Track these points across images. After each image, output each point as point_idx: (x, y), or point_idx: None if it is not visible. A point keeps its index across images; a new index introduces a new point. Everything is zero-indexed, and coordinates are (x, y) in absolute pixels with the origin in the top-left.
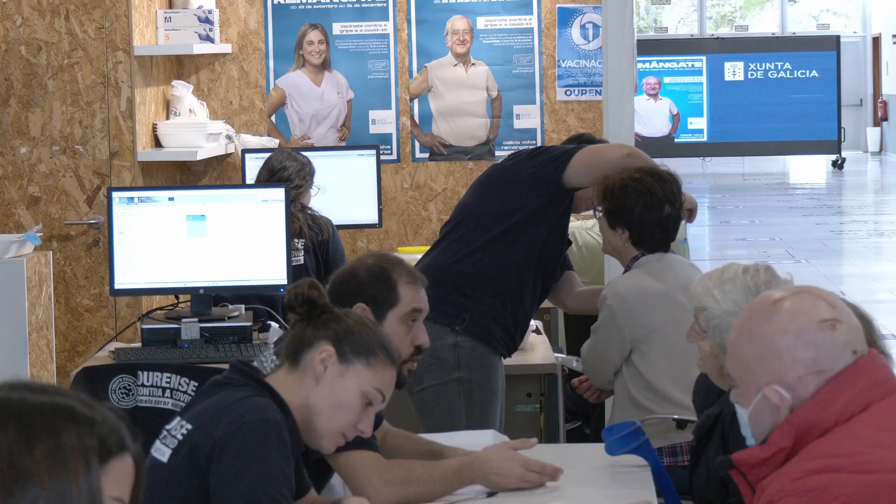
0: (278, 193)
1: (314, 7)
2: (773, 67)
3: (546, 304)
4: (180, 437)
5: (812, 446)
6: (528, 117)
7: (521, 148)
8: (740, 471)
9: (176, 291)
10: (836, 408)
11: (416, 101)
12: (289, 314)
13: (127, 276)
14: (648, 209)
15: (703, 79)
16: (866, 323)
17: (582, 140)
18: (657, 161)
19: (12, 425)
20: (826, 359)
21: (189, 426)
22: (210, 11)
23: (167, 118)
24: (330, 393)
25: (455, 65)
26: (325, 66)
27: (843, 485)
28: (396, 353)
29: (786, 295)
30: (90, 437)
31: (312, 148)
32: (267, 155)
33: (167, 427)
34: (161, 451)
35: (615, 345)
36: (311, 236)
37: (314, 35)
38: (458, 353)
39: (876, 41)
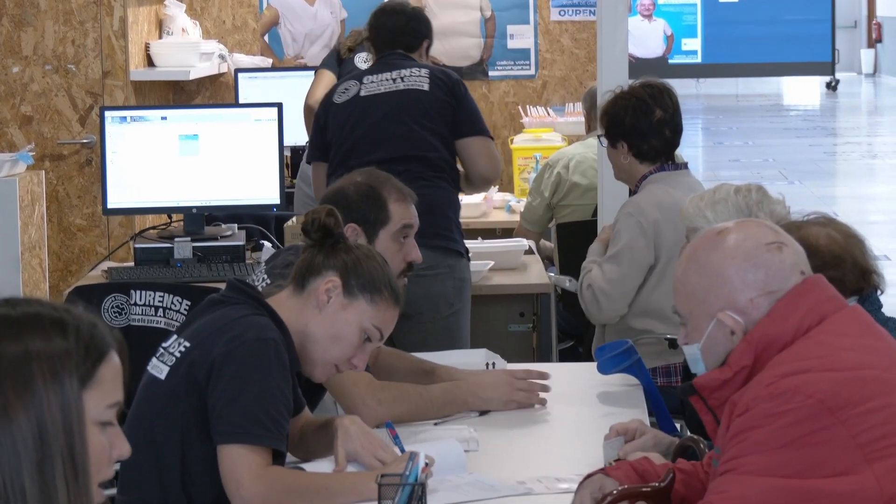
0: (271, 113)
1: None
2: None
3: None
4: (178, 355)
5: (777, 358)
6: (521, 37)
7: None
8: (701, 396)
9: (169, 211)
10: (793, 322)
11: None
12: (303, 238)
13: (119, 195)
14: (638, 116)
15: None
16: (859, 243)
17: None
18: None
19: None
20: (776, 279)
21: (187, 344)
22: None
23: (160, 37)
24: (330, 324)
25: None
26: None
27: (815, 383)
28: (400, 293)
29: (729, 225)
30: (62, 343)
31: (305, 67)
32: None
33: (164, 345)
34: (158, 369)
35: (638, 265)
36: None
37: None
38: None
39: None
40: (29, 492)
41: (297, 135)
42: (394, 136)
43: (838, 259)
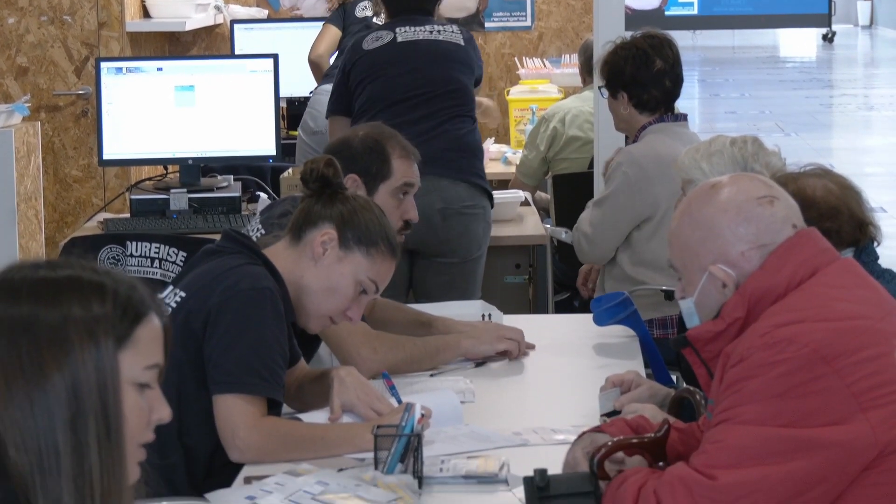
0: (267, 64)
1: None
2: None
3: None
4: (174, 305)
5: (771, 309)
6: None
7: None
8: (694, 348)
9: (164, 162)
10: (786, 274)
11: None
12: (301, 188)
13: (115, 146)
14: (639, 66)
15: None
16: (856, 194)
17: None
18: None
19: (24, 301)
20: (767, 232)
21: (182, 294)
22: None
23: None
24: (325, 276)
25: None
26: None
27: (809, 332)
28: (397, 246)
29: (724, 179)
30: (100, 305)
31: (301, 19)
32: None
33: (160, 296)
34: None
35: (627, 214)
36: None
37: None
38: None
39: None
40: (62, 449)
41: (293, 86)
42: (438, 78)
43: (834, 210)
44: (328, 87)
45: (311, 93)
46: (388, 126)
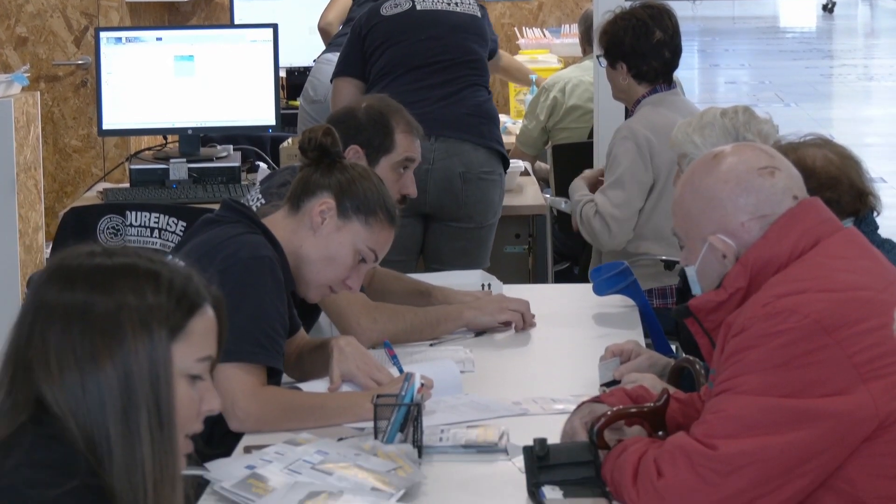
0: (266, 34)
1: None
2: None
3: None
4: None
5: (773, 279)
6: None
7: None
8: (696, 318)
9: (164, 132)
10: (788, 244)
11: None
12: (300, 157)
13: (115, 116)
14: (638, 37)
15: None
16: (856, 164)
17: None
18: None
19: (79, 288)
20: (767, 203)
21: (182, 264)
22: None
23: None
24: (324, 246)
25: None
26: None
27: (811, 303)
28: (397, 214)
29: (727, 149)
30: (154, 295)
31: None
32: None
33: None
34: None
35: (640, 186)
36: None
37: None
38: None
39: None
40: (113, 439)
41: (293, 56)
42: (457, 47)
43: (835, 180)
44: (330, 55)
45: (314, 61)
46: (399, 96)
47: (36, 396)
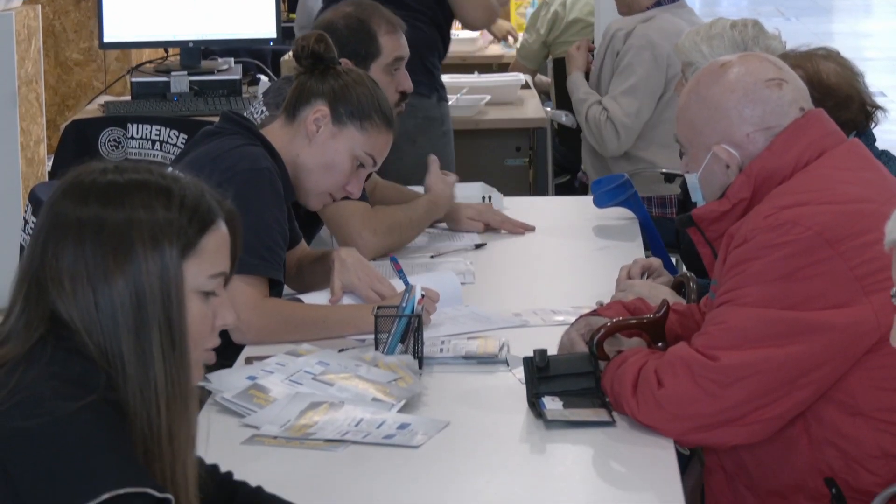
0: None
1: None
2: None
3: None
4: None
5: (777, 190)
6: None
7: None
8: (699, 227)
9: (165, 45)
10: (792, 155)
11: None
12: (295, 66)
13: (116, 29)
14: None
15: None
16: (857, 77)
17: None
18: None
19: (91, 204)
20: (773, 115)
21: (194, 180)
22: None
23: None
24: (320, 154)
25: None
26: None
27: (813, 215)
28: (393, 116)
29: (733, 59)
30: (166, 211)
31: None
32: None
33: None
34: None
35: (651, 98)
36: None
37: None
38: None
39: None
40: (126, 356)
41: None
42: None
43: (848, 99)
44: None
45: None
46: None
47: (50, 312)
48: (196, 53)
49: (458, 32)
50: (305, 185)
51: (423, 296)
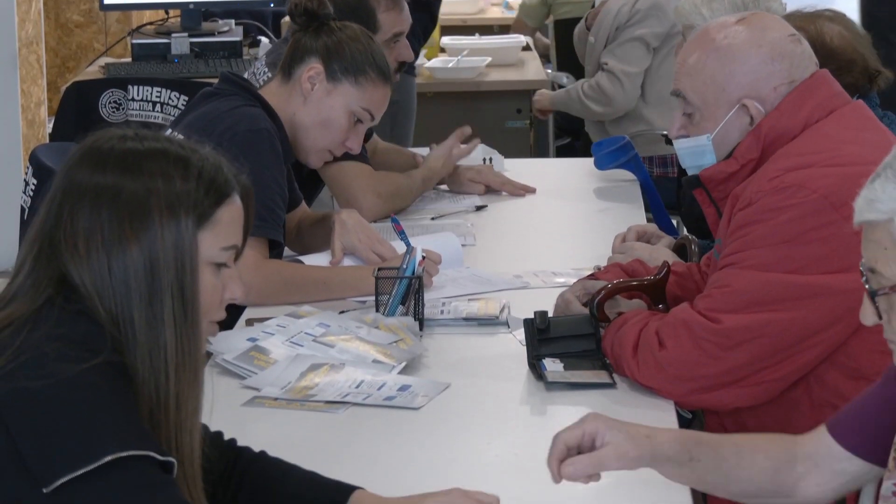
0: None
1: None
2: None
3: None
4: None
5: (783, 150)
6: None
7: None
8: (706, 188)
9: (166, 6)
10: (803, 116)
11: None
12: (290, 24)
13: None
14: None
15: None
16: (867, 41)
17: None
18: None
19: (109, 171)
20: (797, 69)
21: (181, 137)
22: None
23: None
24: (317, 111)
25: None
26: None
27: (818, 178)
28: (389, 69)
29: (745, 16)
30: (183, 181)
31: None
32: None
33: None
34: None
35: (647, 46)
36: None
37: None
38: None
39: None
40: (137, 322)
41: None
42: None
43: (851, 63)
44: None
45: None
46: None
47: (60, 275)
48: (197, 15)
49: None
50: (304, 144)
51: (423, 257)
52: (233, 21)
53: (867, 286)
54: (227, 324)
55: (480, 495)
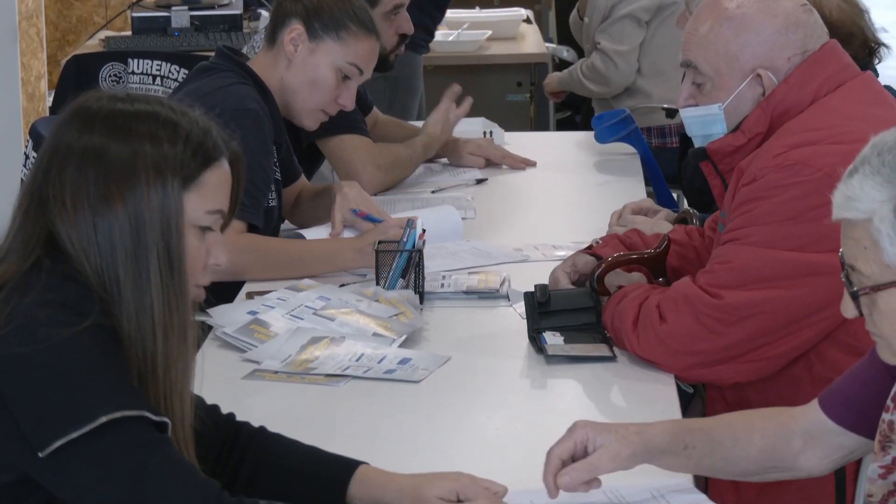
0: None
1: None
2: None
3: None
4: None
5: (789, 125)
6: None
7: None
8: (712, 161)
9: None
10: (811, 90)
11: None
12: None
13: None
14: None
15: None
16: (865, 14)
17: None
18: None
19: (98, 131)
20: (811, 39)
21: (204, 116)
22: None
23: None
24: (302, 72)
25: None
26: None
27: (823, 155)
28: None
29: None
30: (171, 143)
31: None
32: None
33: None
34: None
35: (639, 19)
36: None
37: None
38: None
39: None
40: (123, 281)
41: None
42: None
43: (850, 36)
44: None
45: None
46: None
47: (48, 233)
48: None
49: None
50: (295, 106)
51: (424, 231)
52: None
53: (848, 284)
54: (228, 297)
55: (489, 483)
